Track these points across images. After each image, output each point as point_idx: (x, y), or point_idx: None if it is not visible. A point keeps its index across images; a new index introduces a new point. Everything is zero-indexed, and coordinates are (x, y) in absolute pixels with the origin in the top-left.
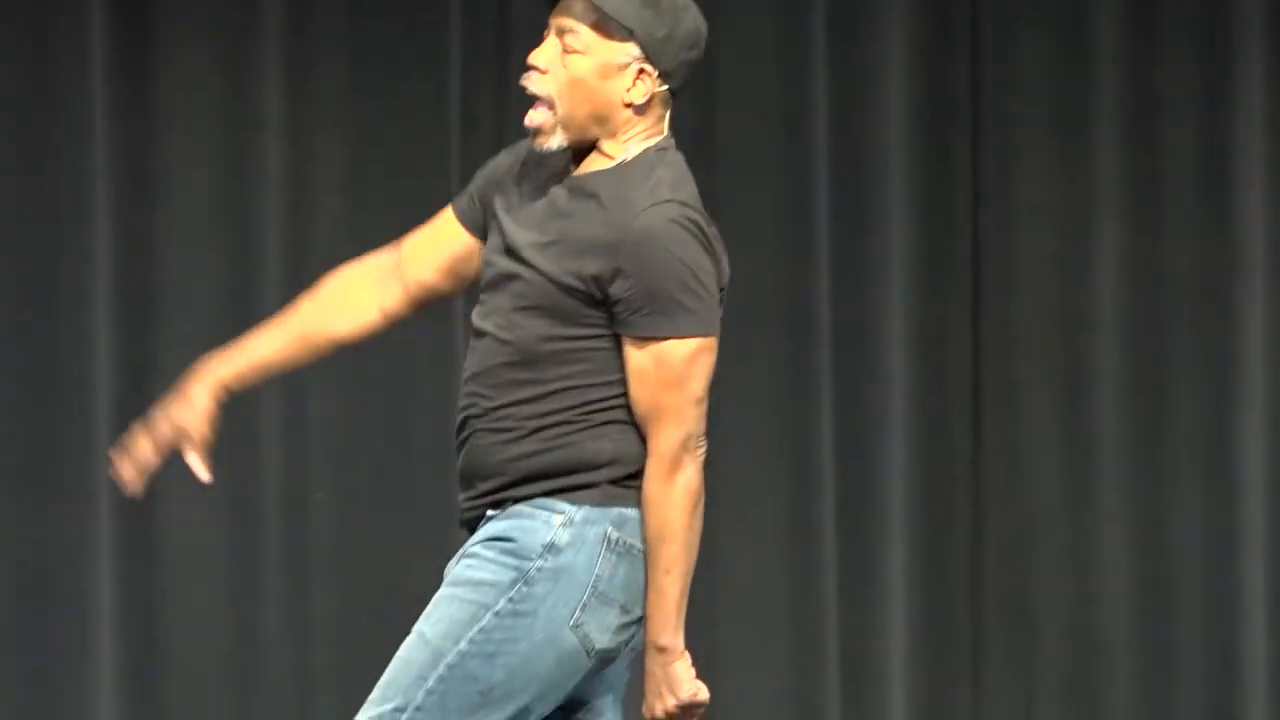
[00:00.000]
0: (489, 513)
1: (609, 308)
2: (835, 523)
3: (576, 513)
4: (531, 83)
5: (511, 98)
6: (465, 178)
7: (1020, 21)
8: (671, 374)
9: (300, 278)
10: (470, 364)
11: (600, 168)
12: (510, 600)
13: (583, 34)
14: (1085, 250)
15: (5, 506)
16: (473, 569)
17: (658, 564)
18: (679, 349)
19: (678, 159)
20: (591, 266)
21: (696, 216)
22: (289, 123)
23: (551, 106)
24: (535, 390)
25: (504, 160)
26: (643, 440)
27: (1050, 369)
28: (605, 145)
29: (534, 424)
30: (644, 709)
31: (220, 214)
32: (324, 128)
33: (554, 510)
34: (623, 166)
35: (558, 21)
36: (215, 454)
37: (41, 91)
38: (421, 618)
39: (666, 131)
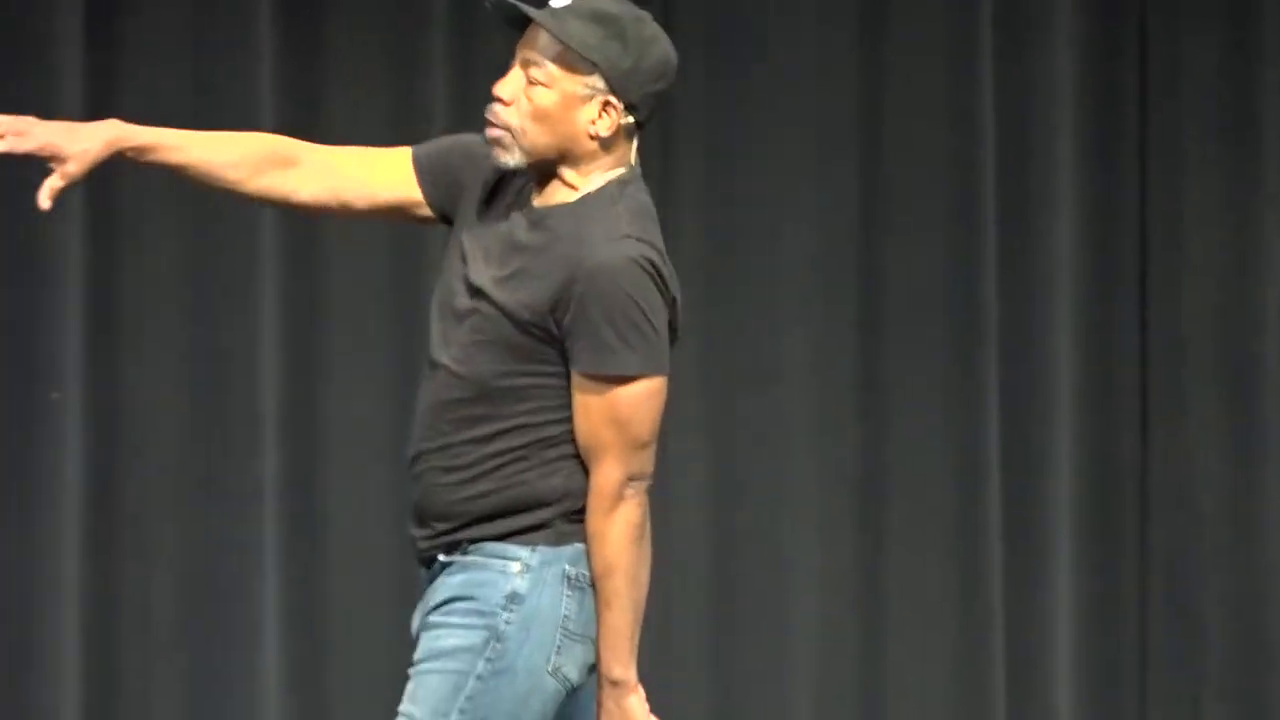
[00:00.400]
0: (441, 557)
1: (561, 343)
2: (1002, 526)
3: (532, 557)
4: (494, 115)
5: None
6: None
7: (1187, 24)
8: (614, 411)
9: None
10: (424, 395)
11: (561, 200)
12: (488, 660)
13: (547, 66)
14: (1253, 253)
15: (174, 508)
16: (441, 638)
17: (603, 598)
18: (624, 389)
19: (640, 192)
20: (545, 301)
21: (652, 254)
22: (453, 124)
23: (513, 137)
24: (489, 428)
25: (484, 152)
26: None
27: (1218, 372)
28: (567, 175)
29: (489, 463)
30: None
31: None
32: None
33: (509, 558)
34: (584, 200)
35: (523, 53)
36: (374, 454)
37: (210, 94)
38: (405, 700)
39: (633, 162)
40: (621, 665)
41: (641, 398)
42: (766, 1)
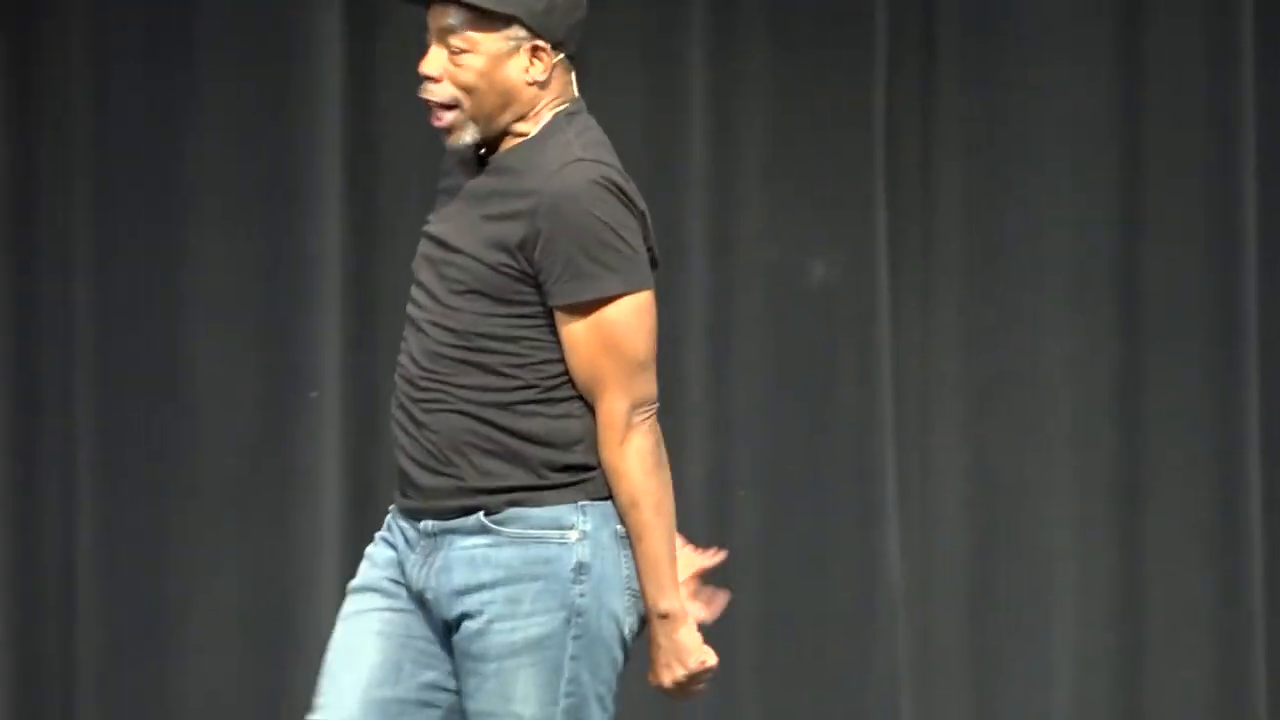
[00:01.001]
0: (483, 517)
1: (536, 280)
2: (1262, 532)
3: (586, 521)
4: (431, 94)
5: (938, 97)
6: (890, 174)
7: None
8: (606, 338)
9: (723, 277)
10: (413, 351)
11: (513, 145)
12: (575, 639)
13: (464, 33)
14: None
15: None
16: (518, 630)
17: (634, 532)
18: (609, 311)
19: (588, 120)
20: (513, 237)
21: (612, 173)
22: (712, 121)
23: (457, 107)
24: (486, 376)
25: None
26: None
27: None
28: (517, 126)
29: (494, 405)
30: (651, 679)
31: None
32: (747, 126)
33: (565, 526)
34: (534, 137)
35: (436, 25)
36: None
37: None
38: (493, 699)
39: (575, 95)
40: (667, 596)
41: (631, 317)
42: (1025, 5)
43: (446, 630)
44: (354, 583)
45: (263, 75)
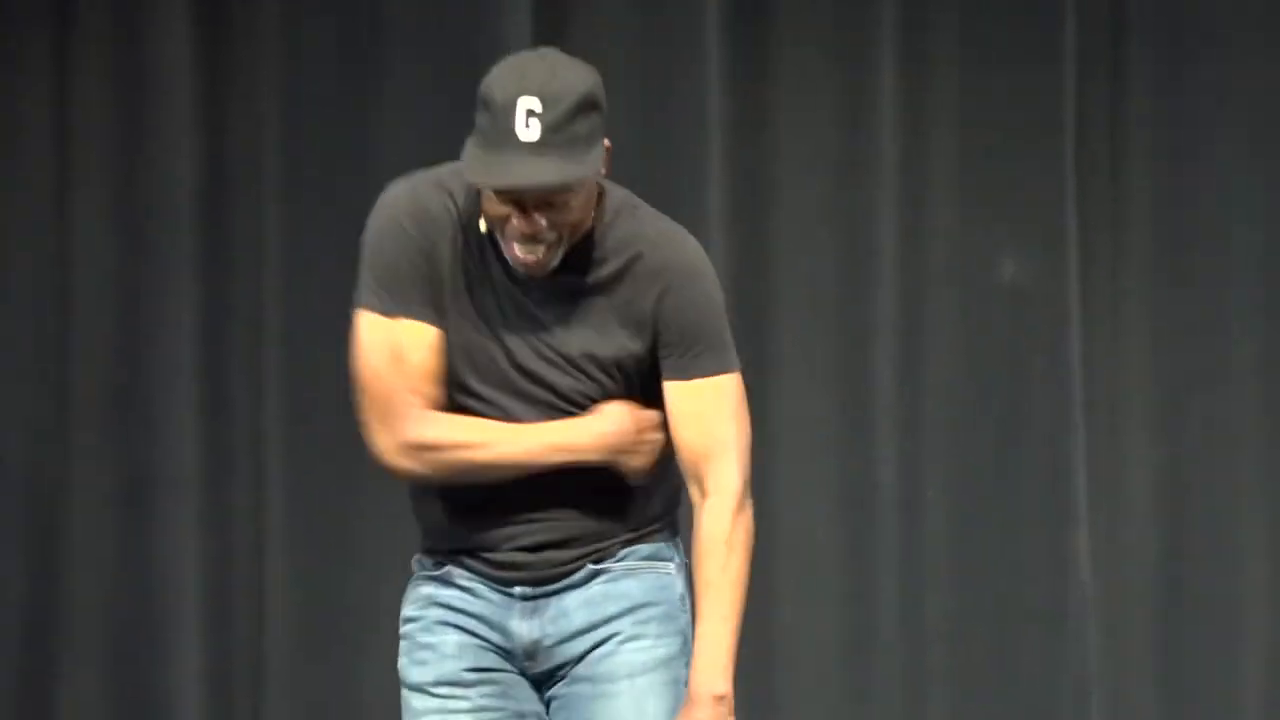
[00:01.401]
0: (591, 565)
1: (652, 352)
2: None
3: (675, 554)
4: (532, 252)
5: (1127, 100)
6: (1080, 171)
7: None
8: (732, 410)
9: (915, 274)
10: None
11: (596, 234)
12: (685, 664)
13: (573, 188)
14: None
15: None
16: (647, 650)
17: (725, 611)
18: (733, 384)
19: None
20: (637, 317)
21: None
22: (903, 118)
23: (559, 243)
24: None
25: (407, 257)
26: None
27: None
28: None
29: (610, 481)
30: None
31: (834, 213)
32: (938, 123)
33: (664, 559)
34: (613, 221)
35: (535, 201)
36: (821, 452)
37: (662, 94)
38: (630, 716)
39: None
40: (727, 679)
41: (742, 390)
42: (1212, 8)
43: (539, 683)
44: (424, 678)
45: (451, 74)
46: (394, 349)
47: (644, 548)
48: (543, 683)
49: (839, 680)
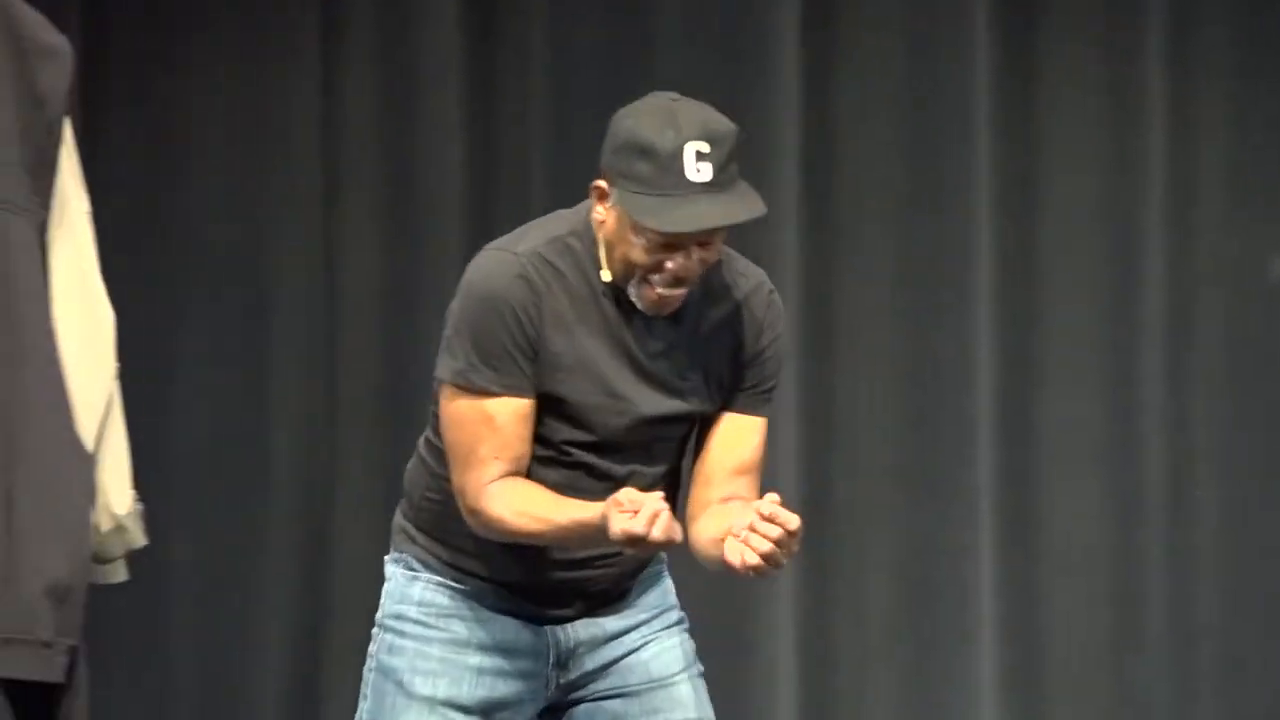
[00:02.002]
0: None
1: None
2: None
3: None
4: (683, 292)
5: None
6: None
7: None
8: (762, 450)
9: (1184, 273)
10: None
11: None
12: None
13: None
14: None
15: (887, 509)
16: (680, 644)
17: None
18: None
19: None
20: (733, 365)
21: None
22: (1171, 117)
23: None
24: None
25: (519, 320)
26: None
27: None
28: None
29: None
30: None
31: (1102, 212)
32: (1206, 121)
33: (660, 560)
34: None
35: (702, 241)
36: (1089, 455)
37: (929, 92)
38: (699, 709)
39: None
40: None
41: None
42: None
43: (557, 704)
44: (433, 692)
45: (717, 74)
46: (486, 419)
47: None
48: (562, 700)
49: (1107, 681)
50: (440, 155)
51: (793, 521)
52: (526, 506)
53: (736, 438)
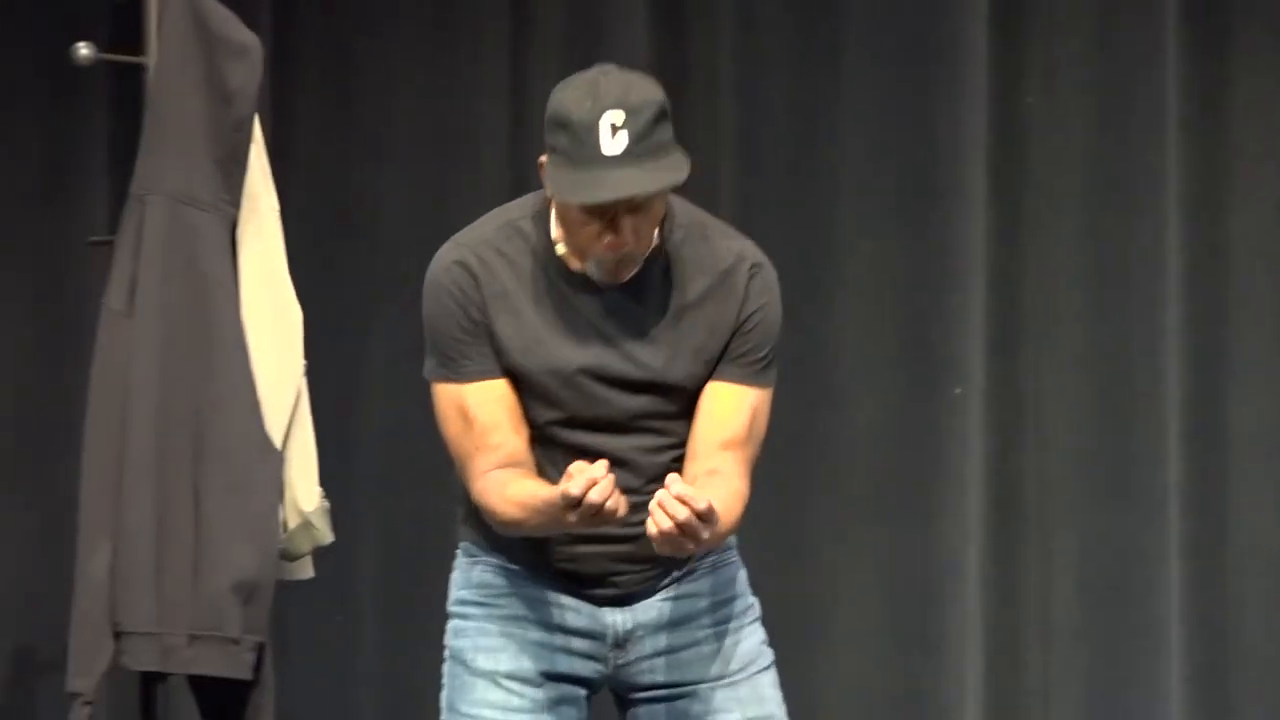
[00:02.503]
0: (675, 572)
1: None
2: None
3: (733, 540)
4: (625, 260)
5: None
6: None
7: None
8: (759, 425)
9: None
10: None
11: (659, 249)
12: (768, 644)
13: (663, 194)
14: None
15: (1076, 509)
16: (745, 639)
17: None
18: (767, 399)
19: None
20: (722, 338)
21: None
22: None
23: (639, 251)
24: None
25: (461, 304)
26: None
27: None
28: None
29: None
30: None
31: None
32: None
33: (729, 547)
34: (684, 237)
35: (629, 210)
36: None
37: (1118, 93)
38: (757, 708)
39: None
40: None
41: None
42: None
43: (620, 687)
44: (495, 667)
45: (909, 78)
46: (461, 411)
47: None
48: (624, 684)
49: None
50: None
51: (700, 501)
52: (512, 494)
53: (721, 409)
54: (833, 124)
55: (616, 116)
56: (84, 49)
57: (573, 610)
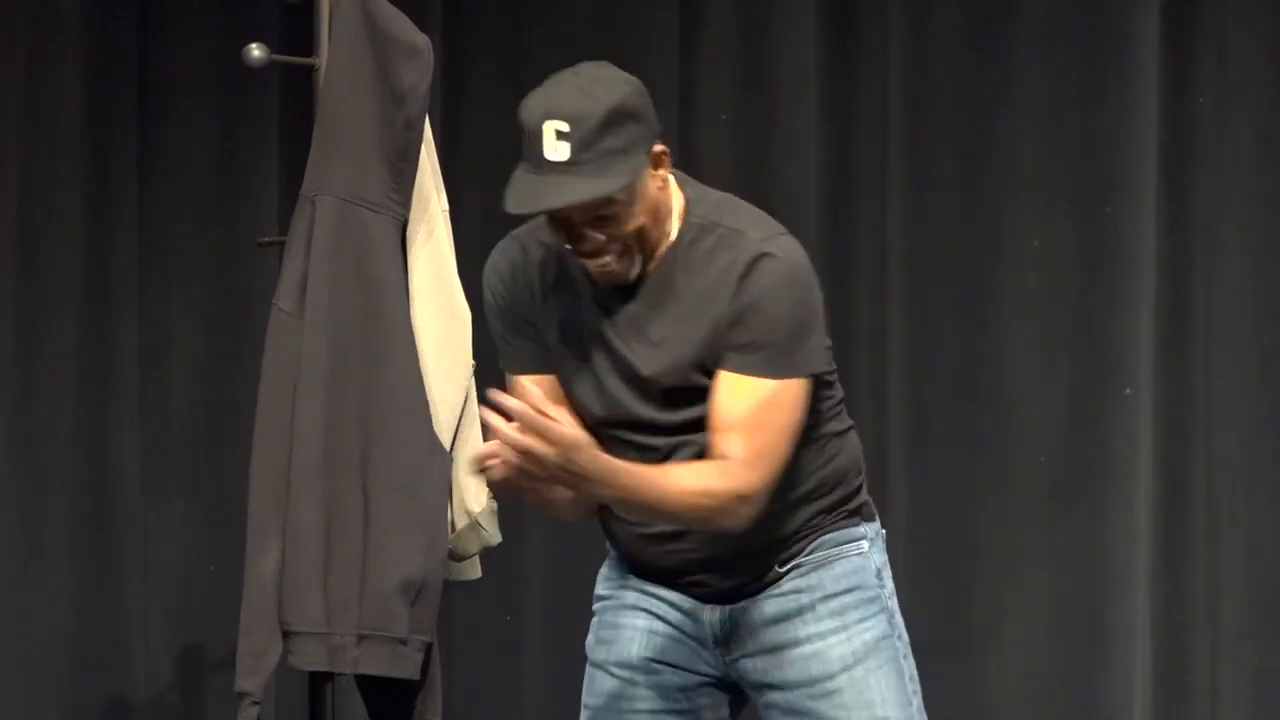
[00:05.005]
0: (778, 568)
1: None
2: None
3: (868, 529)
4: (605, 266)
5: None
6: None
7: None
8: (772, 417)
9: None
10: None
11: (668, 247)
12: (899, 638)
13: (616, 199)
14: None
15: (1248, 507)
16: (853, 638)
17: (658, 481)
18: (783, 391)
19: (702, 189)
20: (718, 325)
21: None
22: None
23: (628, 252)
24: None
25: (501, 318)
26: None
27: None
28: (664, 227)
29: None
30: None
31: None
32: None
33: (857, 538)
34: (695, 236)
35: (582, 219)
36: None
37: None
38: (863, 711)
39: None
40: (600, 474)
41: (792, 399)
42: None
43: (732, 683)
44: (607, 657)
45: (1079, 72)
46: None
47: (833, 535)
48: (735, 681)
49: None
50: (796, 158)
51: (514, 407)
52: None
53: (726, 394)
54: (1003, 121)
55: (561, 125)
56: (256, 50)
57: (677, 607)
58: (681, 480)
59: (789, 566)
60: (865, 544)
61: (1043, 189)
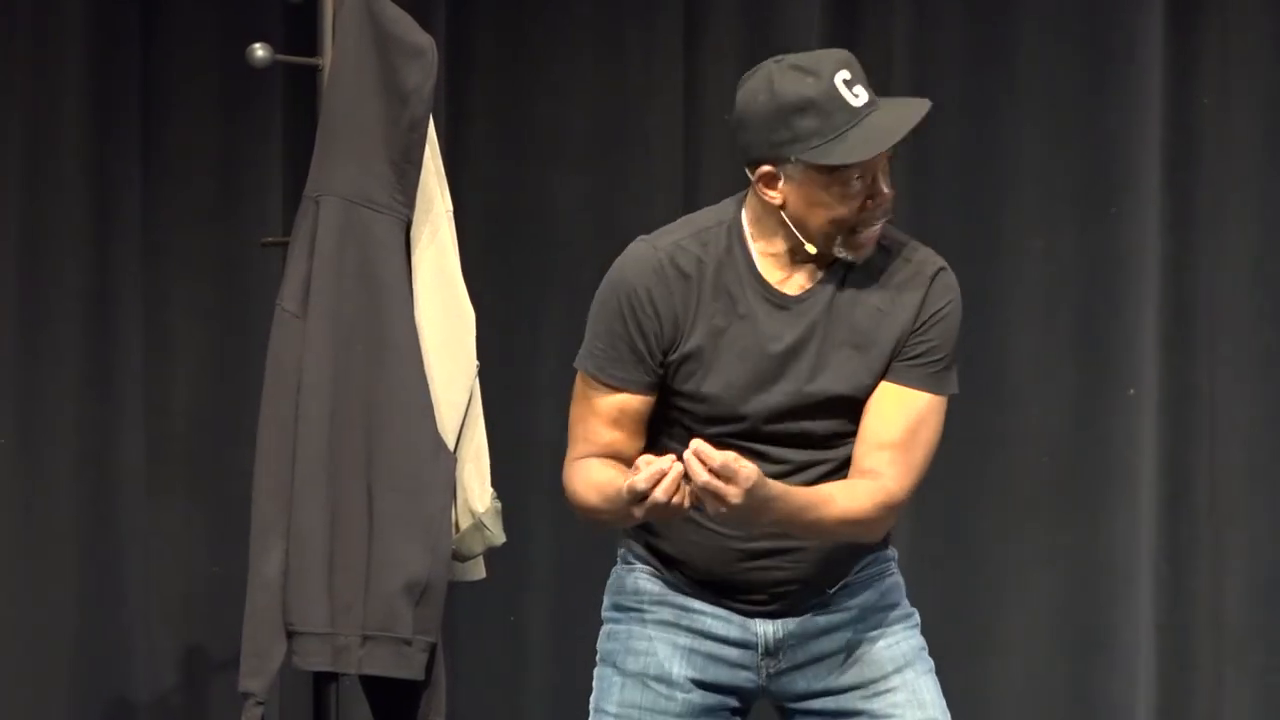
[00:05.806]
0: (829, 591)
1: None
2: None
3: (893, 552)
4: (877, 230)
5: None
6: None
7: None
8: (928, 431)
9: None
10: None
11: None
12: (928, 652)
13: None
14: None
15: (1253, 507)
16: (899, 644)
17: (819, 503)
18: (940, 406)
19: None
20: (889, 339)
21: None
22: None
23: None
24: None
25: (626, 327)
26: None
27: None
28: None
29: None
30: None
31: None
32: None
33: (886, 560)
34: (894, 246)
35: (889, 155)
36: None
37: None
38: (916, 711)
39: None
40: (764, 491)
41: (942, 415)
42: None
43: (774, 695)
44: (644, 669)
45: (1083, 74)
46: (590, 403)
47: (874, 555)
48: (778, 693)
49: None
50: None
51: (714, 459)
52: (594, 478)
53: (886, 408)
54: (1006, 121)
55: (845, 74)
56: (259, 50)
57: (723, 619)
58: (837, 499)
59: (839, 585)
60: (894, 565)
61: (1046, 189)
